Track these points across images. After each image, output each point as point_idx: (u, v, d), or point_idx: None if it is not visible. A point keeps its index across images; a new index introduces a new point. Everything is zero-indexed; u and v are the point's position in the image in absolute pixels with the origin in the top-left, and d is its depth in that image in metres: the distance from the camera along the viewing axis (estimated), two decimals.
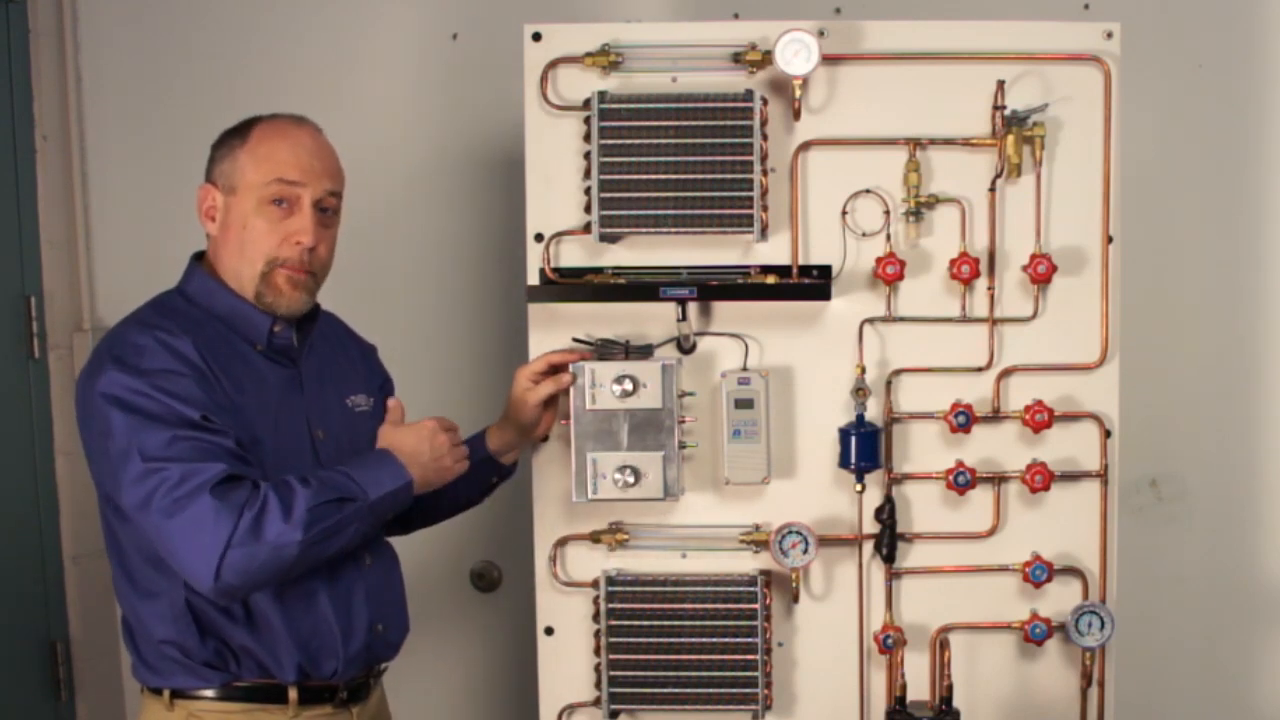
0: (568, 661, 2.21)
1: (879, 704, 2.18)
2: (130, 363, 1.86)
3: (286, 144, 1.98)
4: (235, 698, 1.95)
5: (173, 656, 1.93)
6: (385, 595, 2.08)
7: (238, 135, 2.00)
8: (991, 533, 2.18)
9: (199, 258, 2.05)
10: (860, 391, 2.15)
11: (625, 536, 2.18)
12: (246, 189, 1.96)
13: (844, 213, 2.15)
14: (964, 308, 2.16)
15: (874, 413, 2.16)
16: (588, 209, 2.11)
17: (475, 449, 2.17)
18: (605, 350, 2.14)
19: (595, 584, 2.16)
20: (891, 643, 2.17)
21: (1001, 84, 2.10)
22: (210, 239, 2.03)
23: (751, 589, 2.14)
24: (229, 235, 1.98)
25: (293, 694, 1.97)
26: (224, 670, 1.94)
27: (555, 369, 2.13)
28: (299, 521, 1.81)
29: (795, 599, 2.18)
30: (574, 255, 2.16)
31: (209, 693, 1.95)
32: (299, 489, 1.83)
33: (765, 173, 2.11)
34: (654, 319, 2.16)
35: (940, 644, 2.12)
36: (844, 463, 2.15)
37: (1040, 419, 2.13)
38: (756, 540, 2.16)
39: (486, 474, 2.21)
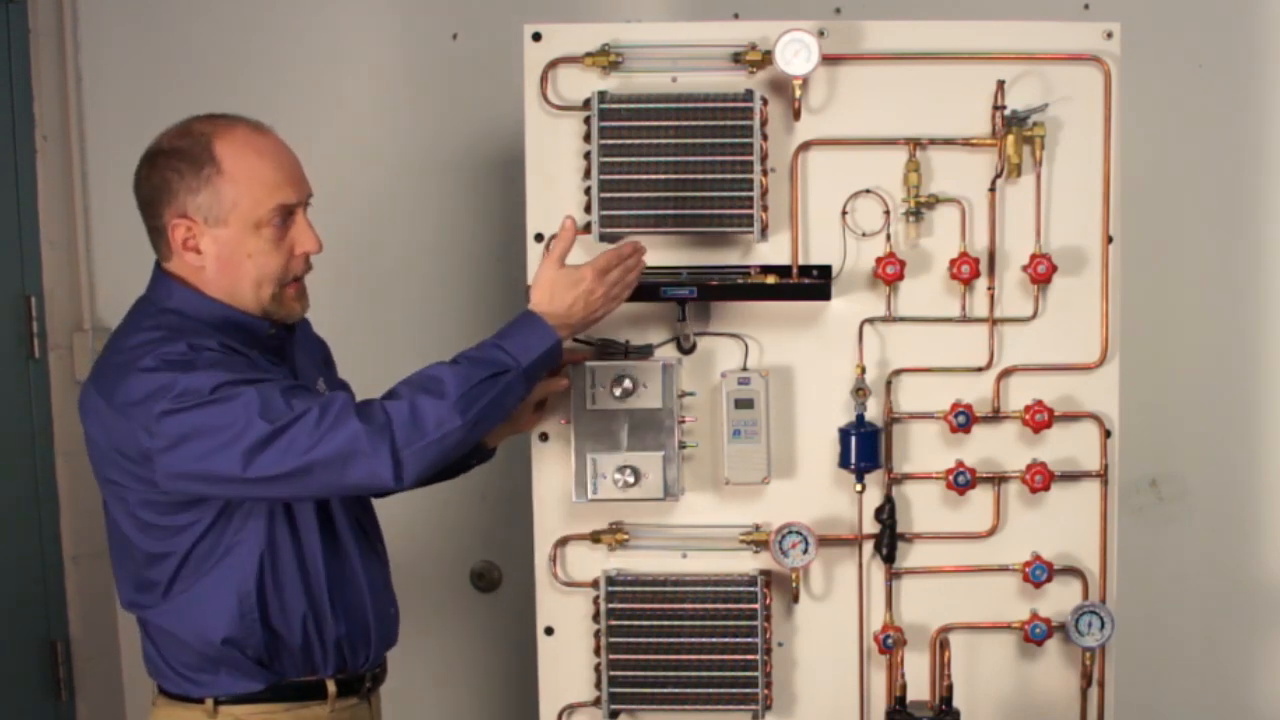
0: (568, 661, 2.21)
1: (879, 704, 2.18)
2: (195, 365, 1.80)
3: (267, 163, 1.89)
4: (277, 697, 1.95)
5: (227, 659, 1.91)
6: (387, 579, 2.12)
7: (201, 162, 1.86)
8: (991, 533, 2.18)
9: (166, 272, 1.94)
10: (860, 391, 2.15)
11: (625, 536, 2.18)
12: (240, 219, 1.87)
13: (844, 213, 2.15)
14: (964, 308, 2.16)
15: (874, 413, 2.16)
16: (588, 209, 2.11)
17: None
18: (605, 350, 2.14)
19: (595, 584, 2.16)
20: (891, 643, 2.17)
21: (1001, 84, 2.10)
22: (192, 269, 1.91)
23: (751, 589, 2.14)
24: (225, 266, 1.89)
25: (331, 687, 1.98)
26: (270, 669, 1.94)
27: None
28: (456, 405, 1.81)
29: (795, 599, 2.18)
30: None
31: (258, 688, 1.93)
32: (447, 374, 1.83)
33: (765, 173, 2.11)
34: (654, 319, 2.16)
35: (940, 644, 2.12)
36: (844, 463, 2.15)
37: (1040, 419, 2.13)
38: (756, 540, 2.16)
39: (468, 456, 2.19)
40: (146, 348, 1.84)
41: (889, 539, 2.16)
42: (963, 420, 2.14)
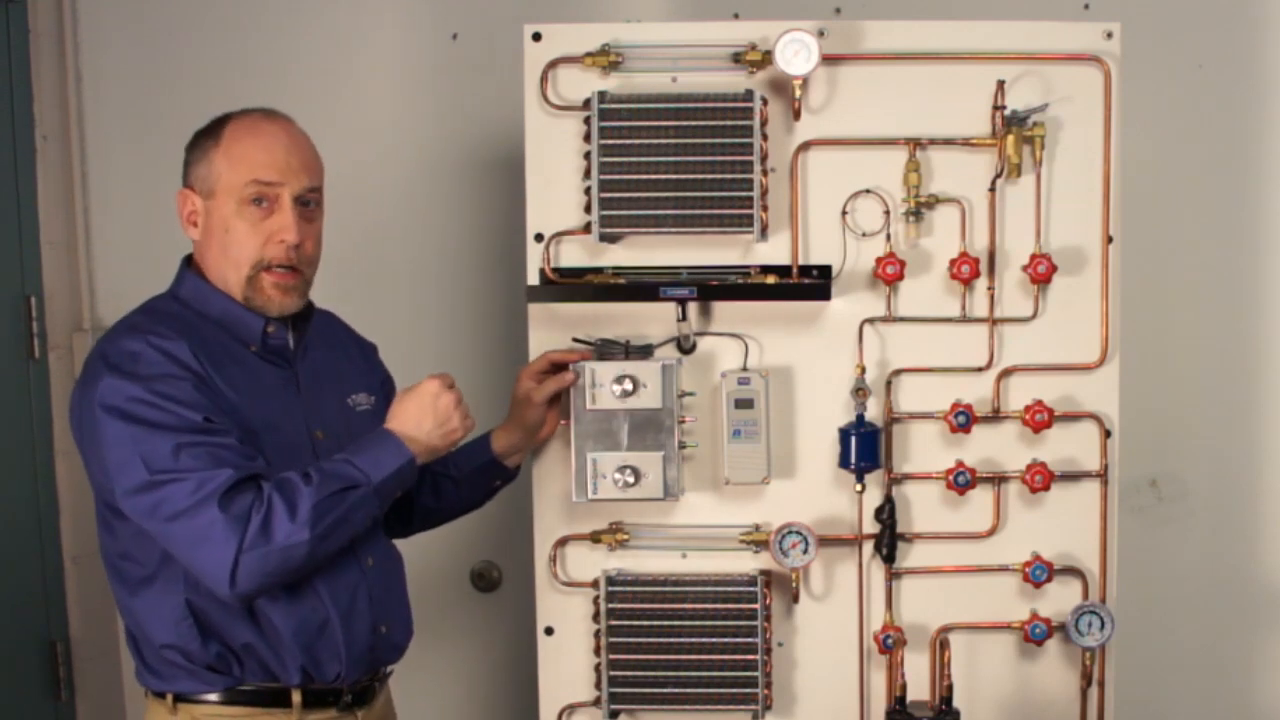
0: (568, 661, 2.21)
1: (879, 704, 2.18)
2: (126, 369, 1.84)
3: (260, 142, 1.94)
4: (239, 701, 1.95)
5: (175, 661, 1.93)
6: (388, 596, 2.07)
7: (210, 136, 1.96)
8: (991, 533, 2.18)
9: (189, 260, 2.03)
10: (860, 391, 2.15)
11: (625, 536, 2.18)
12: (224, 192, 1.93)
13: (844, 213, 2.15)
14: (964, 308, 2.16)
15: (874, 413, 2.16)
16: (588, 209, 2.11)
17: (480, 452, 2.17)
18: (605, 350, 2.15)
19: (595, 584, 2.16)
20: (891, 643, 2.17)
21: (1001, 84, 2.10)
22: (194, 243, 2.01)
23: (751, 589, 2.14)
24: (211, 240, 1.96)
25: (296, 697, 1.96)
26: (227, 674, 1.93)
27: (557, 367, 2.13)
28: (305, 520, 1.81)
29: (795, 599, 2.18)
30: (574, 255, 2.16)
31: (212, 696, 1.94)
32: (301, 487, 1.83)
33: (765, 173, 2.11)
34: (654, 319, 2.16)
35: (940, 644, 2.11)
36: (844, 463, 2.15)
37: (1040, 419, 2.13)
38: (756, 540, 2.16)
39: (490, 477, 2.21)
40: (120, 328, 1.94)
41: (889, 539, 2.16)
42: (963, 420, 2.14)
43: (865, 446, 2.14)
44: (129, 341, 1.88)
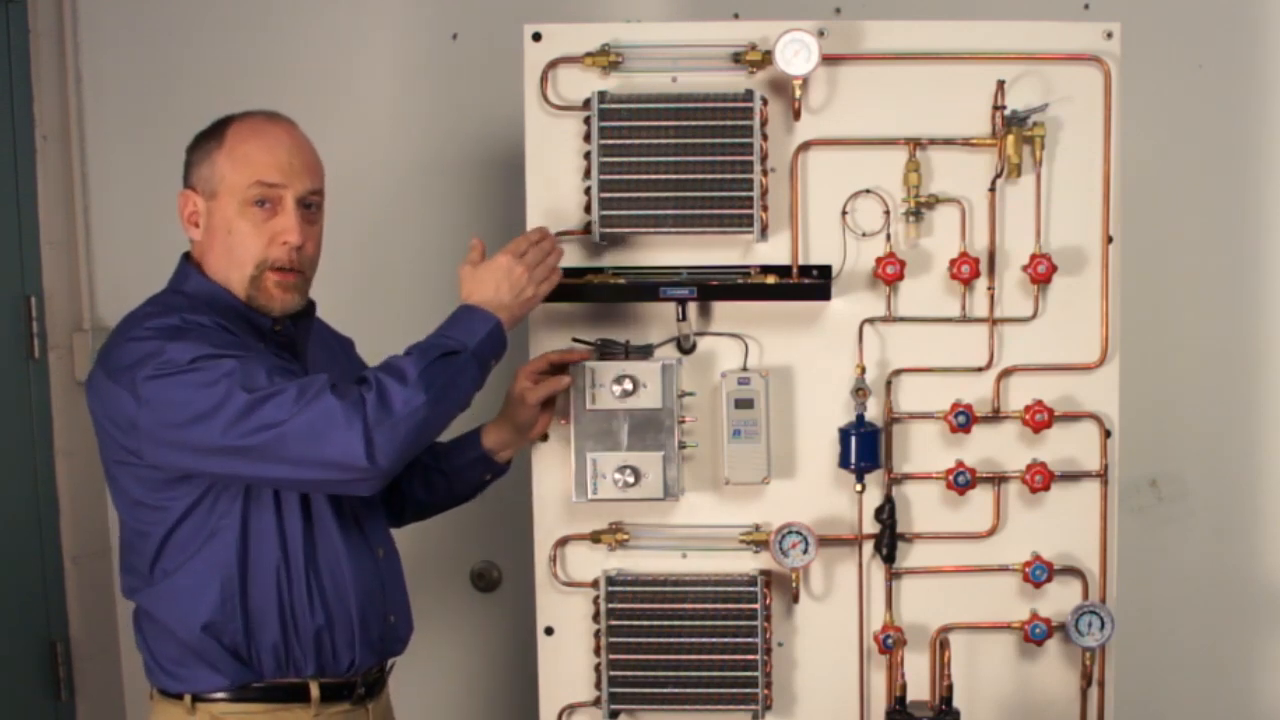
0: (568, 661, 2.21)
1: (879, 704, 2.18)
2: (182, 335, 1.85)
3: (263, 144, 1.95)
4: (257, 698, 1.95)
5: (204, 651, 1.92)
6: (395, 587, 2.10)
7: (213, 138, 1.97)
8: (991, 533, 2.18)
9: (187, 257, 2.03)
10: (860, 391, 2.15)
11: (625, 536, 2.18)
12: (227, 193, 1.94)
13: (844, 213, 2.15)
14: (964, 308, 2.16)
15: (874, 413, 2.16)
16: (588, 209, 2.11)
17: (470, 446, 2.18)
18: (605, 350, 2.15)
19: (595, 584, 2.16)
20: (891, 643, 2.17)
21: (1001, 84, 2.10)
22: (194, 244, 2.01)
23: (751, 589, 2.14)
24: (214, 240, 1.97)
25: (314, 690, 1.97)
26: (248, 664, 1.94)
27: (556, 368, 2.13)
28: (417, 384, 1.83)
29: (795, 599, 2.18)
30: (574, 255, 2.16)
31: (230, 694, 1.94)
32: (402, 361, 1.87)
33: (765, 173, 2.11)
34: (654, 319, 2.17)
35: (940, 644, 2.12)
36: (844, 463, 2.15)
37: (1040, 419, 2.13)
38: (756, 540, 2.16)
39: (480, 472, 2.21)
40: (142, 320, 1.91)
41: (889, 539, 2.16)
42: (963, 420, 2.14)
43: (865, 446, 2.14)
44: (163, 320, 1.88)
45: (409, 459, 1.87)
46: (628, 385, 2.10)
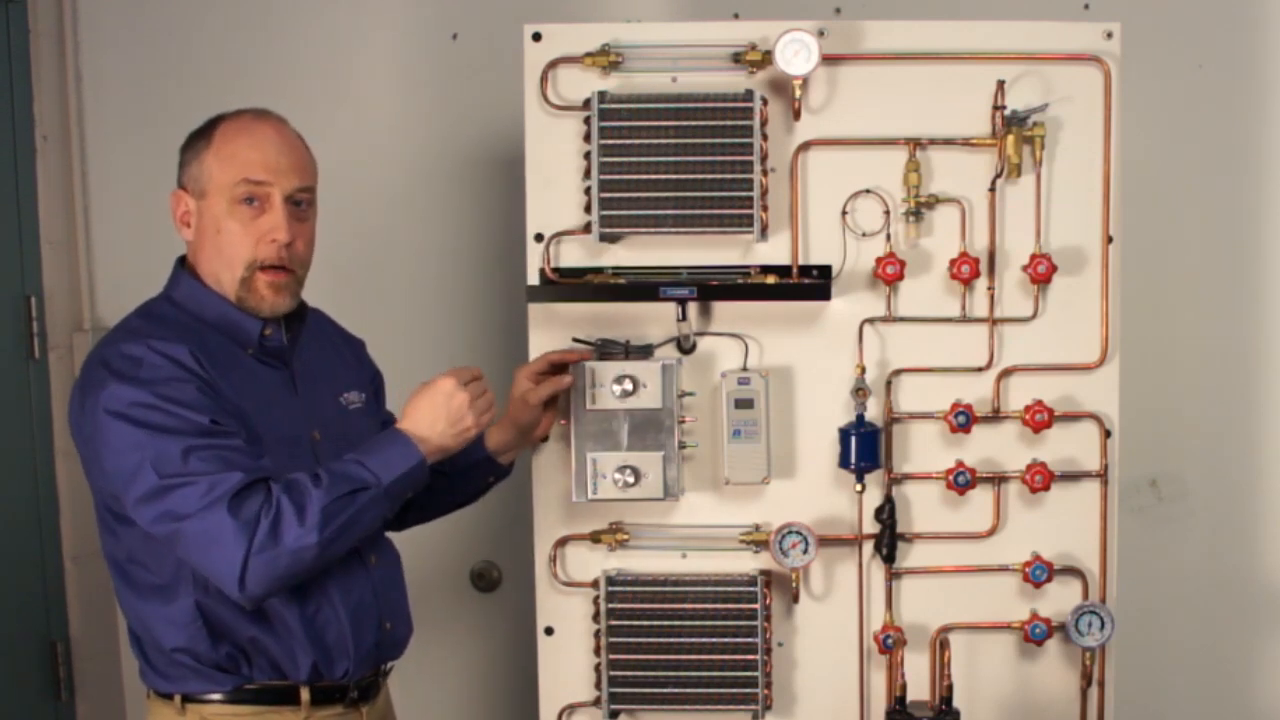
0: (568, 661, 2.21)
1: (879, 704, 2.18)
2: (130, 375, 1.83)
3: (250, 142, 1.94)
4: (248, 700, 1.95)
5: (185, 663, 1.92)
6: (391, 593, 2.08)
7: (202, 137, 1.97)
8: (991, 533, 2.18)
9: (182, 261, 2.03)
10: (860, 391, 2.15)
11: (625, 536, 2.18)
12: (216, 192, 1.93)
13: (844, 213, 2.15)
14: (964, 308, 2.16)
15: (874, 413, 2.16)
16: (588, 209, 2.11)
17: (474, 449, 2.17)
18: (605, 350, 2.15)
19: (595, 584, 2.16)
20: (891, 643, 2.17)
21: (1001, 84, 2.10)
22: (188, 245, 2.01)
23: (751, 589, 2.14)
24: (204, 240, 1.96)
25: (305, 694, 1.96)
26: (236, 673, 1.94)
27: (556, 369, 2.13)
28: (314, 524, 1.80)
29: (795, 599, 2.18)
30: (574, 255, 2.16)
31: (221, 696, 1.94)
32: (310, 489, 1.82)
33: (765, 173, 2.11)
34: (654, 319, 2.16)
35: (940, 644, 2.12)
36: (844, 463, 2.15)
37: (1040, 419, 2.13)
38: (756, 540, 2.16)
39: (483, 474, 2.21)
40: (118, 333, 1.93)
41: (889, 539, 2.16)
42: (963, 420, 2.14)
43: (865, 446, 2.14)
44: (130, 346, 1.87)
45: (283, 589, 1.86)
46: (628, 385, 2.10)
